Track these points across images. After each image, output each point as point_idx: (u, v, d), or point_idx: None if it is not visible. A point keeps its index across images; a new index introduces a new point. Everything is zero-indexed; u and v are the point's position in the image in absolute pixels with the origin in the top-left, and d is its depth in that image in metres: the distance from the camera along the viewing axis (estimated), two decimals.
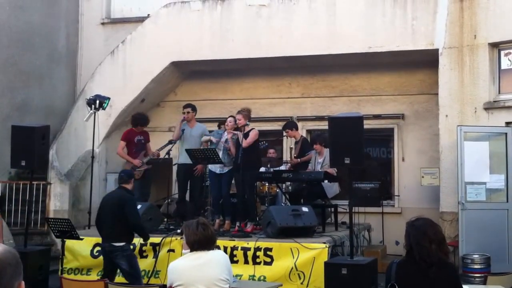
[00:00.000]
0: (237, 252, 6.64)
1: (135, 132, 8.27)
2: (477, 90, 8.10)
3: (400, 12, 8.60)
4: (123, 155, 8.11)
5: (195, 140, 7.88)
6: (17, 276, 1.51)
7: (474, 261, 7.11)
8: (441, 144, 8.24)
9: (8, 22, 9.95)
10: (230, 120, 7.60)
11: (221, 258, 3.62)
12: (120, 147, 8.11)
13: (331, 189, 7.77)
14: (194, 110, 8.05)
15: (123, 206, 6.00)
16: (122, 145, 8.10)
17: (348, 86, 9.85)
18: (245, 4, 9.32)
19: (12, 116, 9.66)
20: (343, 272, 5.67)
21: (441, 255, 2.92)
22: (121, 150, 8.09)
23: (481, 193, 7.68)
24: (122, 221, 6.00)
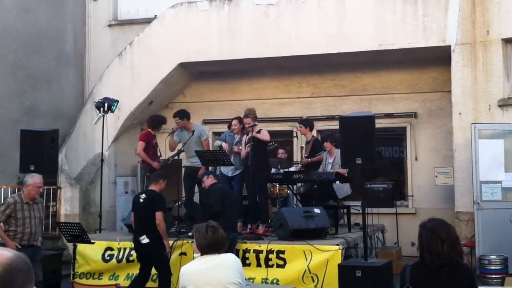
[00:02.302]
0: (249, 255, 6.59)
1: (152, 134, 8.24)
2: (491, 87, 7.96)
3: (411, 9, 8.46)
4: (144, 156, 7.98)
5: (194, 141, 7.77)
6: (28, 282, 1.49)
7: (491, 262, 6.98)
8: (455, 142, 8.10)
9: (15, 26, 9.95)
10: (235, 123, 7.57)
11: (233, 261, 3.57)
12: (141, 148, 7.95)
13: (342, 190, 7.67)
14: (184, 117, 7.80)
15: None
16: (143, 146, 7.95)
17: (359, 84, 9.73)
18: (253, 3, 9.24)
19: (21, 120, 9.65)
20: (357, 275, 5.59)
21: (454, 256, 2.88)
22: (141, 151, 7.95)
23: (496, 192, 7.53)
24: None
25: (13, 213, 5.91)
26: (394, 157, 9.81)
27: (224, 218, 5.77)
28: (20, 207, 5.95)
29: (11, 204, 5.94)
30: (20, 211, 5.95)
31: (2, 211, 5.96)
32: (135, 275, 6.61)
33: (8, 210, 5.93)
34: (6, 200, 6.16)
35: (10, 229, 5.94)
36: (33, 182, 6.00)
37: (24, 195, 6.01)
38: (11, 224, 5.93)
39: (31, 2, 10.29)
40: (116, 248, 7.19)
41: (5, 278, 1.43)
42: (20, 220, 5.93)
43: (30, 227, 5.99)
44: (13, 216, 5.92)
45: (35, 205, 6.09)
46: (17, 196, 6.08)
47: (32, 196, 6.02)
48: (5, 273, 1.43)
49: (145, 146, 8.00)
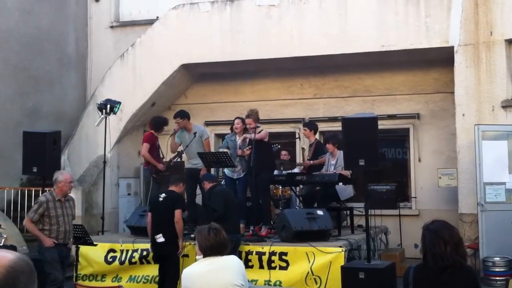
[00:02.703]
0: (251, 256, 6.57)
1: (155, 136, 8.24)
2: (494, 88, 7.92)
3: (413, 10, 8.44)
4: (149, 157, 7.97)
5: (196, 143, 7.77)
6: (31, 284, 1.49)
7: (495, 264, 6.94)
8: (458, 144, 8.07)
9: (17, 28, 9.96)
10: (238, 122, 7.55)
11: (235, 263, 3.55)
12: (146, 149, 7.95)
13: (344, 192, 7.63)
14: (184, 117, 7.83)
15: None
16: (147, 147, 7.95)
17: (361, 86, 9.70)
18: (255, 4, 9.22)
19: (23, 122, 9.66)
20: (360, 277, 5.57)
21: (457, 258, 2.87)
22: (147, 152, 7.94)
23: (500, 194, 7.48)
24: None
25: (46, 211, 5.80)
26: (397, 158, 9.78)
27: (227, 221, 5.77)
28: (53, 205, 5.84)
29: (44, 203, 5.82)
30: (53, 209, 5.83)
31: (34, 210, 5.84)
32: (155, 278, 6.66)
33: (41, 209, 5.80)
34: (38, 199, 6.04)
35: (44, 228, 5.83)
36: (64, 178, 5.93)
37: (56, 193, 5.89)
38: (45, 223, 5.83)
39: (33, 3, 10.31)
40: (119, 250, 7.17)
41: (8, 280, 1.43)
42: (54, 219, 5.83)
43: (64, 225, 5.90)
44: (46, 215, 5.81)
45: (67, 202, 6.00)
46: (49, 194, 5.95)
47: (64, 192, 5.93)
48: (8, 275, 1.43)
49: (149, 148, 8.00)
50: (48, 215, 5.82)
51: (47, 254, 5.81)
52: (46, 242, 5.79)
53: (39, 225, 5.84)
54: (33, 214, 5.83)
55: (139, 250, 7.06)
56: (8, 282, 1.43)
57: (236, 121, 7.63)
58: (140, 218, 7.56)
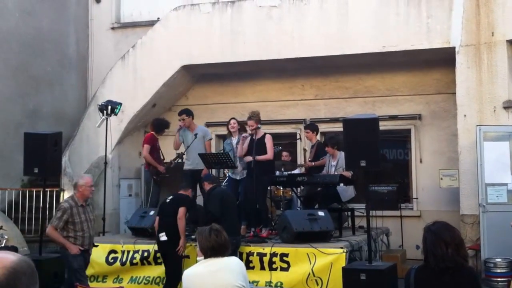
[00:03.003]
0: (252, 257, 6.56)
1: (156, 137, 8.24)
2: (496, 88, 7.91)
3: (414, 11, 8.43)
4: (150, 159, 8.00)
5: (198, 143, 7.79)
6: (32, 285, 1.49)
7: (496, 265, 6.92)
8: (460, 144, 8.05)
9: (18, 28, 9.97)
10: (234, 122, 7.58)
11: (236, 264, 3.55)
12: (147, 150, 7.98)
13: (346, 193, 7.62)
14: (189, 114, 7.93)
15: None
16: (148, 149, 7.98)
17: (363, 86, 9.69)
18: (255, 5, 9.22)
19: (24, 123, 9.66)
20: (361, 278, 5.56)
21: (458, 259, 2.87)
22: (147, 154, 7.97)
23: (502, 195, 7.47)
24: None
25: (70, 218, 5.64)
26: (398, 159, 9.77)
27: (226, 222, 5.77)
28: (76, 211, 5.68)
29: (68, 209, 5.65)
30: (77, 215, 5.67)
31: (58, 218, 5.64)
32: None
33: (65, 215, 5.62)
34: (61, 206, 5.81)
35: (69, 235, 5.66)
36: (84, 182, 5.79)
37: (77, 197, 5.74)
38: (69, 230, 5.66)
39: (34, 4, 10.31)
40: (120, 251, 7.17)
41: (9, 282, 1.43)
42: (78, 225, 5.68)
43: (88, 230, 5.78)
44: (71, 221, 5.65)
45: (88, 207, 5.88)
46: (71, 200, 5.78)
47: (86, 197, 5.82)
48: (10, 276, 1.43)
49: (150, 149, 8.00)
50: (72, 222, 5.65)
51: (75, 262, 5.65)
52: (73, 250, 5.61)
53: (63, 233, 5.66)
54: (58, 222, 5.63)
55: (140, 251, 7.06)
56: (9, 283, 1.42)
57: (232, 121, 7.66)
58: (141, 219, 7.55)
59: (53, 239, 5.84)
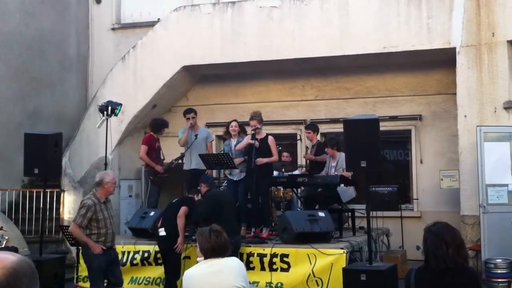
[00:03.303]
0: (253, 258, 6.56)
1: (155, 138, 8.25)
2: (497, 89, 7.90)
3: (415, 11, 8.43)
4: (147, 159, 8.02)
5: (200, 144, 7.81)
6: (33, 286, 1.48)
7: (497, 265, 6.91)
8: (460, 145, 8.04)
9: (19, 30, 9.98)
10: (235, 125, 7.59)
11: (236, 265, 3.54)
12: (143, 151, 8.01)
13: (346, 194, 7.62)
14: (196, 114, 8.00)
15: None
16: (145, 149, 8.01)
17: (363, 87, 9.69)
18: (256, 6, 9.22)
19: (25, 124, 9.67)
20: (362, 279, 5.56)
21: (459, 259, 2.87)
22: (144, 154, 8.00)
23: (503, 195, 7.46)
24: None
25: (94, 215, 5.54)
26: (399, 160, 9.76)
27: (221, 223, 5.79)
28: (99, 208, 5.58)
29: (92, 206, 5.54)
30: (100, 212, 5.58)
31: (82, 215, 5.53)
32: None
33: (89, 213, 5.52)
34: (84, 203, 5.66)
35: (92, 233, 5.56)
36: (111, 179, 5.72)
37: (100, 194, 5.64)
38: (93, 227, 5.56)
39: (34, 6, 10.32)
40: (120, 251, 7.14)
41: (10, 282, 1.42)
42: (102, 222, 5.58)
43: (111, 227, 5.70)
44: (94, 219, 5.55)
45: (108, 203, 5.79)
46: (93, 197, 5.66)
47: (110, 193, 5.75)
48: (10, 276, 1.42)
49: (148, 150, 8.00)
50: (96, 219, 5.56)
51: (96, 262, 5.57)
52: (96, 249, 5.51)
53: (86, 231, 5.57)
54: (82, 219, 5.53)
55: (141, 252, 7.06)
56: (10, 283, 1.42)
57: (233, 124, 7.66)
58: (141, 220, 7.56)
59: (76, 237, 5.75)
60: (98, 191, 5.68)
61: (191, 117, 7.91)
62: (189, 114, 7.96)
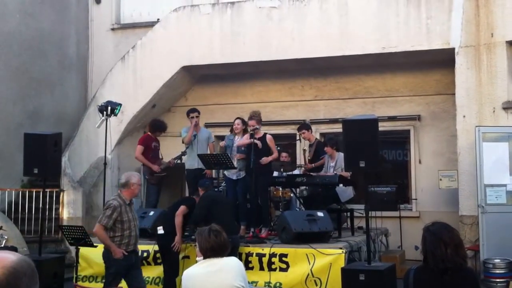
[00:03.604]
0: (252, 258, 6.57)
1: (152, 138, 8.27)
2: (495, 89, 7.92)
3: (414, 12, 8.44)
4: (142, 159, 8.06)
5: (202, 144, 7.86)
6: (33, 285, 1.49)
7: (495, 265, 6.92)
8: (459, 145, 8.06)
9: (19, 30, 9.99)
10: (238, 122, 7.59)
11: (235, 264, 3.55)
12: (139, 151, 8.06)
13: (344, 193, 7.64)
14: (199, 114, 8.11)
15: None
16: (141, 149, 8.05)
17: (362, 87, 9.70)
18: (255, 6, 9.24)
19: (24, 124, 9.68)
20: (360, 278, 5.56)
21: (457, 259, 2.87)
22: (140, 154, 8.05)
23: (501, 196, 7.48)
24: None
25: (119, 216, 5.39)
26: (397, 160, 9.77)
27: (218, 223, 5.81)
28: (124, 209, 5.44)
29: (117, 207, 5.39)
30: (125, 213, 5.44)
31: (108, 216, 5.37)
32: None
33: (115, 213, 5.37)
34: (110, 204, 5.49)
35: (116, 235, 5.42)
36: (137, 180, 5.59)
37: (125, 196, 5.50)
38: (117, 229, 5.42)
39: (34, 6, 10.33)
40: None
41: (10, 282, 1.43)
42: (126, 223, 5.44)
43: (135, 229, 5.57)
44: (119, 220, 5.40)
45: (132, 205, 5.67)
46: (119, 198, 5.51)
47: (135, 195, 5.66)
48: (10, 276, 1.43)
49: (144, 150, 8.02)
50: (120, 221, 5.42)
51: (116, 266, 5.46)
52: (117, 254, 5.38)
53: (109, 232, 5.42)
54: (107, 220, 5.37)
55: (140, 252, 7.05)
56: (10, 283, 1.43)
57: (237, 122, 7.68)
58: (140, 219, 7.52)
59: (100, 239, 5.59)
60: (123, 192, 5.53)
61: (195, 116, 7.94)
62: (193, 113, 8.01)
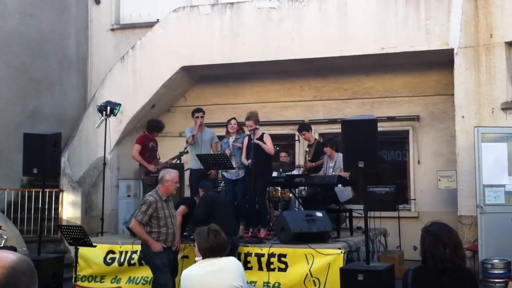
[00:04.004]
0: (250, 258, 6.57)
1: (150, 137, 8.26)
2: (494, 90, 7.94)
3: (413, 12, 8.46)
4: (139, 159, 8.05)
5: (205, 144, 7.87)
6: (32, 285, 1.49)
7: (494, 266, 6.93)
8: (458, 146, 8.07)
9: (18, 30, 10.00)
10: (234, 122, 7.62)
11: (234, 264, 3.56)
12: (136, 151, 8.04)
13: (343, 194, 7.65)
14: (204, 114, 8.09)
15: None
16: (138, 149, 8.03)
17: (361, 88, 9.72)
18: (255, 7, 9.25)
19: (24, 124, 9.69)
20: (359, 279, 5.56)
21: (456, 260, 2.88)
22: (137, 154, 8.03)
23: (500, 196, 7.49)
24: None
25: (154, 212, 5.43)
26: (396, 160, 9.78)
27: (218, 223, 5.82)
28: (161, 205, 5.47)
29: (153, 203, 5.43)
30: (161, 209, 5.46)
31: (143, 212, 5.41)
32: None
33: (150, 209, 5.41)
34: (146, 199, 5.54)
35: (152, 231, 5.46)
36: (171, 177, 5.59)
37: (161, 192, 5.53)
38: (153, 225, 5.46)
39: (34, 6, 10.34)
40: (118, 251, 7.18)
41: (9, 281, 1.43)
42: (162, 220, 5.47)
43: (172, 226, 5.58)
44: (155, 216, 5.44)
45: (170, 202, 5.67)
46: (155, 194, 5.55)
47: (170, 192, 5.63)
48: (9, 276, 1.43)
49: (141, 149, 8.02)
50: (156, 217, 5.45)
51: (158, 260, 5.45)
52: (155, 247, 5.40)
53: (146, 228, 5.47)
54: (142, 216, 5.42)
55: (138, 252, 7.05)
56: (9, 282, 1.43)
57: (233, 122, 7.70)
58: None
59: (137, 234, 5.63)
60: (160, 189, 5.58)
61: (200, 117, 7.95)
62: (198, 113, 8.01)
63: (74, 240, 6.32)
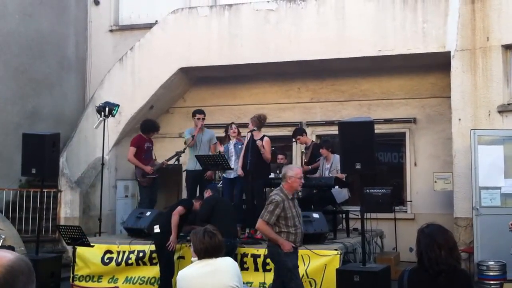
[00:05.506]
0: (247, 259, 6.60)
1: (145, 138, 8.27)
2: (491, 92, 7.98)
3: (411, 15, 8.50)
4: (135, 161, 8.10)
5: (204, 146, 7.90)
6: (30, 284, 1.50)
7: (489, 267, 6.96)
8: (454, 148, 8.11)
9: (18, 31, 10.03)
10: (235, 127, 7.73)
11: (230, 265, 3.56)
12: (131, 153, 8.09)
13: (339, 195, 7.69)
14: (205, 115, 8.13)
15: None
16: (133, 151, 8.08)
17: (358, 90, 9.76)
18: (253, 9, 9.29)
19: (23, 124, 9.71)
20: (355, 280, 5.59)
21: (451, 261, 2.88)
22: (132, 156, 8.08)
23: (496, 198, 7.53)
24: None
25: (282, 212, 5.09)
26: (393, 162, 9.82)
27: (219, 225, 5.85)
28: (288, 204, 5.12)
29: (280, 202, 5.08)
30: (289, 209, 5.12)
31: (270, 211, 5.08)
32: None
33: (277, 209, 5.07)
34: (273, 199, 5.17)
35: (281, 231, 5.14)
36: (294, 173, 5.22)
37: (287, 190, 5.17)
38: (281, 225, 5.12)
39: (33, 7, 10.37)
40: (116, 251, 7.21)
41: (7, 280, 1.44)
42: (291, 220, 5.13)
43: (300, 226, 5.26)
44: (282, 216, 5.10)
45: (295, 200, 5.38)
46: (281, 193, 5.18)
47: (294, 189, 5.29)
48: (7, 274, 1.44)
49: (137, 151, 8.04)
50: (284, 216, 5.11)
51: (289, 261, 5.13)
52: (286, 247, 5.07)
53: (274, 228, 5.15)
54: (270, 216, 5.09)
55: (136, 252, 7.11)
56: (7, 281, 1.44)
57: (234, 126, 7.78)
58: (137, 220, 7.60)
59: (264, 234, 5.36)
60: (284, 186, 5.22)
61: (201, 118, 7.97)
62: (199, 114, 8.03)
63: (72, 240, 6.35)
